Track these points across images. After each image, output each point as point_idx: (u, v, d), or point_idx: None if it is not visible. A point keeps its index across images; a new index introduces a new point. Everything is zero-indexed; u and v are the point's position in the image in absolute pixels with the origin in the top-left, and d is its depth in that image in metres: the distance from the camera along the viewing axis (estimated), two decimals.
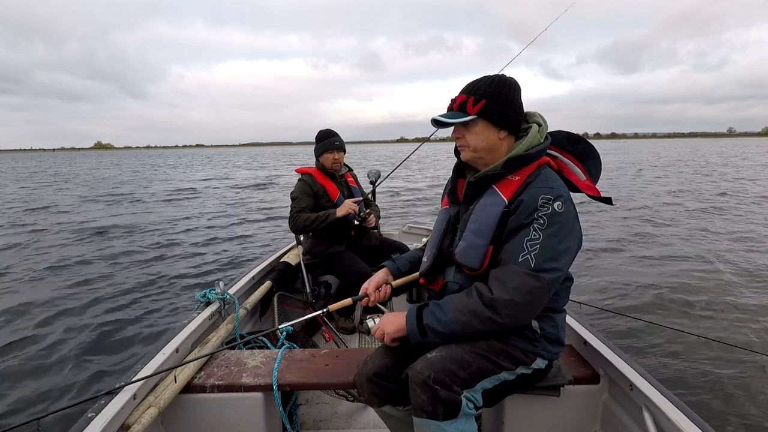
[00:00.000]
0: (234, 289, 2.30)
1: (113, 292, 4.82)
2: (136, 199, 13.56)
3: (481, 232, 1.29)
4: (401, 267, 1.63)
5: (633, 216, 8.83)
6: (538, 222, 1.21)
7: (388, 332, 1.34)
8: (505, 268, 1.23)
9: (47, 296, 4.72)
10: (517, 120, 1.33)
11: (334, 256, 2.76)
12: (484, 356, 1.28)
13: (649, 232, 7.31)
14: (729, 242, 6.53)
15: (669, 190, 13.33)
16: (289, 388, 1.61)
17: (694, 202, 10.76)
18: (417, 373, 1.23)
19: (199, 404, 1.57)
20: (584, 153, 1.44)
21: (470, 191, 1.38)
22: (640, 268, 5.32)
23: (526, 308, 1.21)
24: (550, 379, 1.45)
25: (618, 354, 1.58)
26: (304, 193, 2.73)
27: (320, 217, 2.63)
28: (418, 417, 1.21)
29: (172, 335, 1.76)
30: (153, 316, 4.15)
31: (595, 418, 1.65)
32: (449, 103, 1.37)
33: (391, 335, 1.34)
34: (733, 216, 8.72)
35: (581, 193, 1.39)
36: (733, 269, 5.20)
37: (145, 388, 1.46)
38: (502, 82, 1.31)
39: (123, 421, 1.33)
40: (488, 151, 1.33)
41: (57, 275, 5.54)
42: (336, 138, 2.77)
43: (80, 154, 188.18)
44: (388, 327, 1.35)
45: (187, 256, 6.46)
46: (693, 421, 1.25)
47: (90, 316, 4.18)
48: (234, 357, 1.76)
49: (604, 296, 4.44)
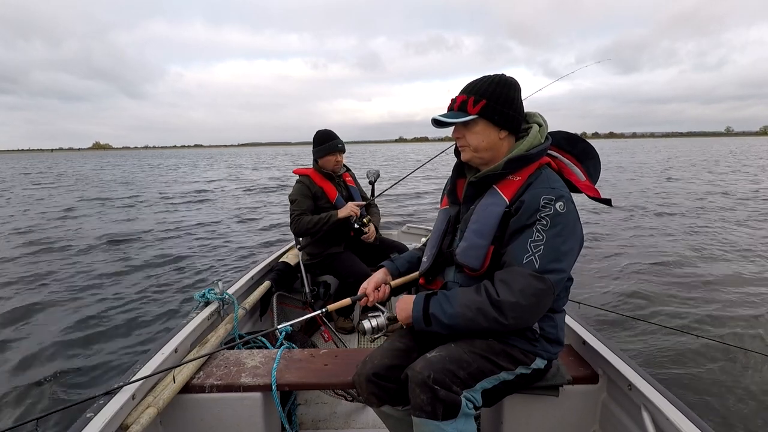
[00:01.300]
0: (233, 289, 2.30)
1: (113, 292, 4.81)
2: (144, 201, 13.34)
3: (482, 232, 1.29)
4: (400, 267, 1.63)
5: (633, 216, 8.84)
6: (540, 223, 1.21)
7: (400, 318, 1.39)
8: (509, 270, 1.23)
9: (47, 296, 4.72)
10: (518, 120, 1.33)
11: (333, 257, 2.76)
12: (484, 356, 1.28)
13: (649, 232, 7.32)
14: (730, 243, 6.54)
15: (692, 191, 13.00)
16: (288, 388, 1.61)
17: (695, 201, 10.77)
18: (416, 373, 1.23)
19: (198, 404, 1.57)
20: (583, 153, 1.44)
21: (471, 191, 1.38)
22: (639, 268, 5.32)
23: (531, 310, 1.22)
24: (549, 379, 1.45)
25: (617, 354, 1.58)
26: (303, 195, 2.72)
27: (322, 219, 2.63)
28: (418, 417, 1.21)
29: (171, 335, 1.75)
30: (152, 316, 4.14)
31: (594, 417, 1.65)
32: (449, 102, 1.36)
33: (402, 322, 1.39)
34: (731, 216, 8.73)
35: (581, 193, 1.40)
36: (734, 269, 5.21)
37: (144, 388, 1.46)
38: (502, 82, 1.31)
39: (122, 422, 1.33)
40: (489, 151, 1.33)
41: (57, 275, 5.52)
42: (338, 140, 2.76)
43: (79, 154, 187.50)
44: (400, 313, 1.39)
45: (196, 257, 6.44)
46: (692, 420, 1.25)
47: (89, 315, 4.16)
48: (233, 357, 1.76)
49: (603, 296, 4.44)
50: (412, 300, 1.36)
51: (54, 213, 11.09)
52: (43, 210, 11.78)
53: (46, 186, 19.59)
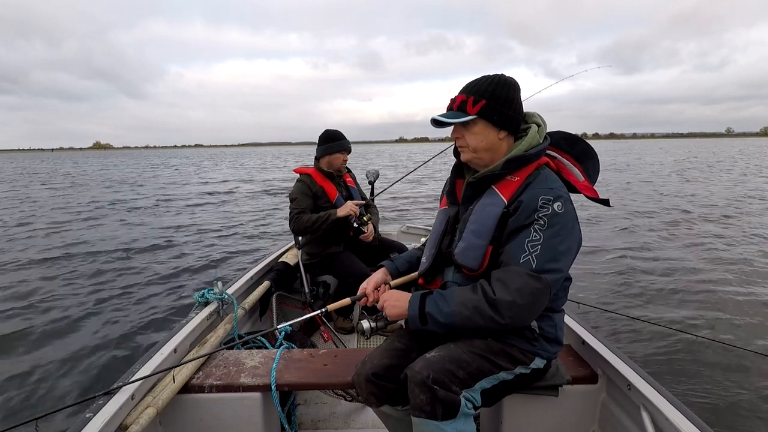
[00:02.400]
0: (232, 289, 2.30)
1: (113, 292, 4.81)
2: (155, 202, 13.05)
3: (480, 232, 1.29)
4: (399, 267, 1.63)
5: (632, 215, 8.84)
6: (538, 223, 1.21)
7: (390, 315, 1.36)
8: (506, 270, 1.23)
9: (46, 296, 4.71)
10: (517, 120, 1.33)
11: (333, 256, 2.76)
12: (483, 356, 1.28)
13: (649, 232, 7.32)
14: (730, 243, 6.53)
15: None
16: (287, 388, 1.61)
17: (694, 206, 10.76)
18: (416, 373, 1.23)
19: (198, 404, 1.57)
20: (582, 153, 1.44)
21: (469, 192, 1.38)
22: (639, 268, 5.32)
23: (527, 309, 1.21)
24: (549, 378, 1.45)
25: (616, 354, 1.58)
26: (303, 194, 2.73)
27: (321, 217, 2.64)
28: (417, 417, 1.21)
29: (170, 335, 1.75)
30: (151, 316, 4.14)
31: (594, 417, 1.65)
32: (449, 102, 1.36)
33: (392, 317, 1.36)
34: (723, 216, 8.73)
35: (579, 194, 1.40)
36: (734, 269, 5.21)
37: (143, 388, 1.46)
38: (502, 82, 1.31)
39: (121, 422, 1.33)
40: (488, 152, 1.33)
41: (57, 275, 5.52)
42: (347, 140, 2.82)
43: (81, 154, 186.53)
44: (390, 310, 1.36)
45: (197, 258, 6.44)
46: (691, 420, 1.25)
47: (89, 315, 4.17)
48: (232, 357, 1.76)
49: (602, 296, 4.44)
50: (404, 297, 1.36)
51: (57, 214, 11.08)
52: (54, 210, 11.75)
53: (55, 186, 19.32)
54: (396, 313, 1.35)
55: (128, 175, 25.53)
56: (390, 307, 1.36)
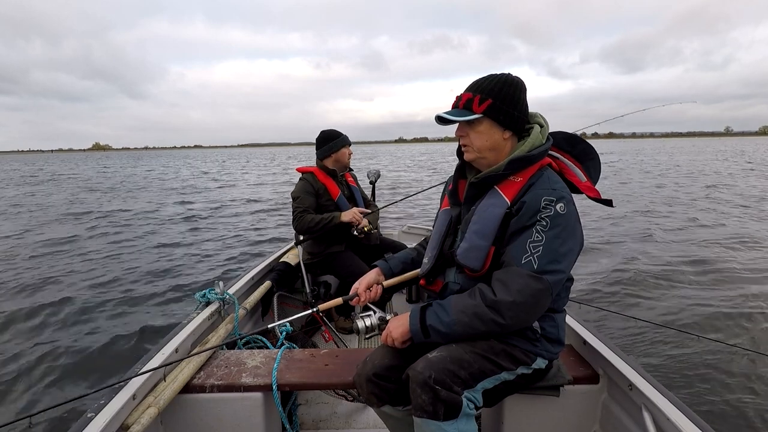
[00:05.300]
0: (234, 289, 2.30)
1: (113, 292, 4.81)
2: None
3: (482, 233, 1.29)
4: (393, 268, 1.64)
5: (633, 215, 8.82)
6: (540, 224, 1.21)
7: (395, 337, 1.34)
8: (507, 270, 1.22)
9: (46, 295, 4.72)
10: (522, 121, 1.33)
11: (334, 256, 2.76)
12: (485, 356, 1.28)
13: (649, 232, 7.30)
14: (730, 243, 6.52)
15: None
16: (288, 388, 1.61)
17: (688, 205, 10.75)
18: (418, 374, 1.23)
19: (199, 404, 1.57)
20: (583, 153, 1.44)
21: (472, 192, 1.37)
22: (639, 268, 5.31)
23: (528, 310, 1.21)
24: (550, 379, 1.45)
25: (617, 354, 1.58)
26: (306, 192, 2.74)
27: (324, 219, 2.65)
28: (419, 417, 1.22)
29: (172, 335, 1.75)
30: (153, 316, 4.14)
31: (595, 418, 1.65)
32: (454, 100, 1.35)
33: (399, 339, 1.34)
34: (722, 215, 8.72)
35: (582, 194, 1.39)
36: (734, 269, 5.20)
37: (145, 387, 1.46)
38: (509, 82, 1.30)
39: (122, 421, 1.33)
40: (492, 151, 1.32)
41: (57, 274, 5.53)
42: (345, 135, 2.87)
43: (82, 155, 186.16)
44: (395, 332, 1.35)
45: (200, 259, 6.44)
46: (692, 420, 1.25)
47: (89, 315, 4.17)
48: (233, 357, 1.76)
49: (603, 296, 4.44)
50: (405, 317, 1.35)
51: (57, 215, 11.09)
52: (58, 210, 11.72)
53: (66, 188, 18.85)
54: (400, 333, 1.34)
55: (142, 180, 24.34)
56: (393, 329, 1.35)
